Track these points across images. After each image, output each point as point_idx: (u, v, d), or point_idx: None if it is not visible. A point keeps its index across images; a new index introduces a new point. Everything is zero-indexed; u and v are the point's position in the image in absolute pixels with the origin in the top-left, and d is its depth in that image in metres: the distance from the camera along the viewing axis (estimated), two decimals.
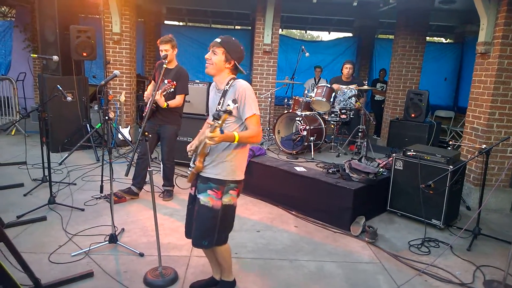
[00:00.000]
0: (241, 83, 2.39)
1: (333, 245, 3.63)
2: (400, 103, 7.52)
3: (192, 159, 2.57)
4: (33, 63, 9.66)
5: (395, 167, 4.34)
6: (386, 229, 4.08)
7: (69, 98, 4.47)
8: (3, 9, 12.71)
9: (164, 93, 4.18)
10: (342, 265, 3.30)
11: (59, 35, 6.18)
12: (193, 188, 2.58)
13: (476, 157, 4.61)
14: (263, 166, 4.73)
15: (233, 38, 2.47)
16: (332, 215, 4.09)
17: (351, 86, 5.74)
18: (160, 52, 4.18)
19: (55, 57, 5.13)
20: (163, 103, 4.16)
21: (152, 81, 4.63)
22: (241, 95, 2.34)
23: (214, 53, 2.41)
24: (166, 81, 4.25)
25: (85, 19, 8.81)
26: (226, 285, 2.76)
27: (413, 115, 6.44)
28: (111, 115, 4.12)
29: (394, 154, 4.49)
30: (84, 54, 6.21)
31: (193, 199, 2.57)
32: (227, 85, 2.42)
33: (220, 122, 2.08)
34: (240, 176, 2.47)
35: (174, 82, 4.25)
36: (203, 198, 2.43)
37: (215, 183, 2.41)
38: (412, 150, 4.26)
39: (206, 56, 2.43)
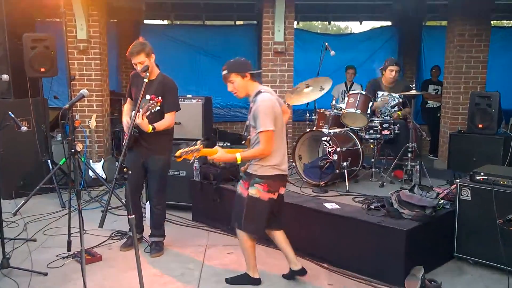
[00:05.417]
0: (261, 97, 3.53)
1: None
2: (462, 110, 7.50)
3: None
4: None
5: (461, 197, 4.30)
6: (454, 283, 4.02)
7: (23, 128, 4.56)
8: None
9: (148, 113, 4.23)
10: None
11: (8, 47, 6.36)
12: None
13: None
14: None
15: (231, 60, 3.62)
16: (378, 266, 4.05)
17: (394, 94, 5.75)
18: (135, 66, 4.31)
19: (5, 76, 5.24)
20: (147, 127, 4.20)
21: (129, 99, 4.70)
22: (256, 110, 3.48)
23: (232, 82, 3.55)
24: (147, 97, 4.30)
25: (42, 24, 9.08)
26: (245, 278, 3.93)
27: (480, 126, 6.40)
28: (79, 147, 4.19)
29: (458, 180, 4.46)
30: (42, 69, 6.35)
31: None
32: (252, 102, 3.59)
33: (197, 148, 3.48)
34: (269, 172, 3.58)
35: (160, 97, 4.27)
36: (238, 186, 3.84)
37: (246, 175, 3.74)
38: (482, 173, 4.23)
39: (230, 90, 3.61)
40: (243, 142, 3.93)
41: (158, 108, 4.26)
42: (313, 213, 4.52)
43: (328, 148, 5.36)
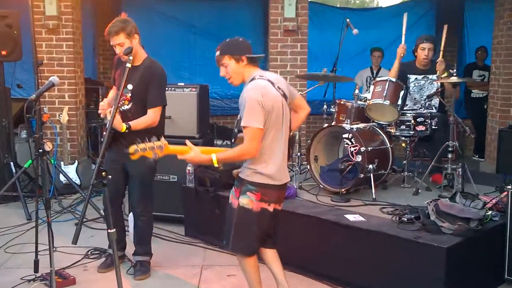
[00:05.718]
0: (247, 88, 3.46)
1: None
2: None
3: None
4: None
5: None
6: None
7: None
8: None
9: (127, 106, 4.27)
10: None
11: None
12: None
13: None
14: (293, 216, 4.73)
15: (227, 39, 3.59)
16: None
17: (431, 76, 5.72)
18: (114, 49, 4.35)
19: None
20: (120, 126, 4.17)
21: (114, 88, 4.72)
22: (242, 102, 3.42)
23: (225, 66, 3.49)
24: (130, 86, 4.33)
25: None
26: None
27: None
28: (48, 146, 4.19)
29: (509, 186, 4.42)
30: (4, 52, 6.40)
31: None
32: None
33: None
34: (263, 179, 3.45)
35: (129, 95, 4.34)
36: (230, 195, 3.74)
37: (238, 181, 3.64)
38: None
39: (222, 75, 3.56)
40: (234, 140, 3.76)
41: (126, 106, 4.33)
42: (332, 226, 4.51)
43: (350, 147, 5.34)
